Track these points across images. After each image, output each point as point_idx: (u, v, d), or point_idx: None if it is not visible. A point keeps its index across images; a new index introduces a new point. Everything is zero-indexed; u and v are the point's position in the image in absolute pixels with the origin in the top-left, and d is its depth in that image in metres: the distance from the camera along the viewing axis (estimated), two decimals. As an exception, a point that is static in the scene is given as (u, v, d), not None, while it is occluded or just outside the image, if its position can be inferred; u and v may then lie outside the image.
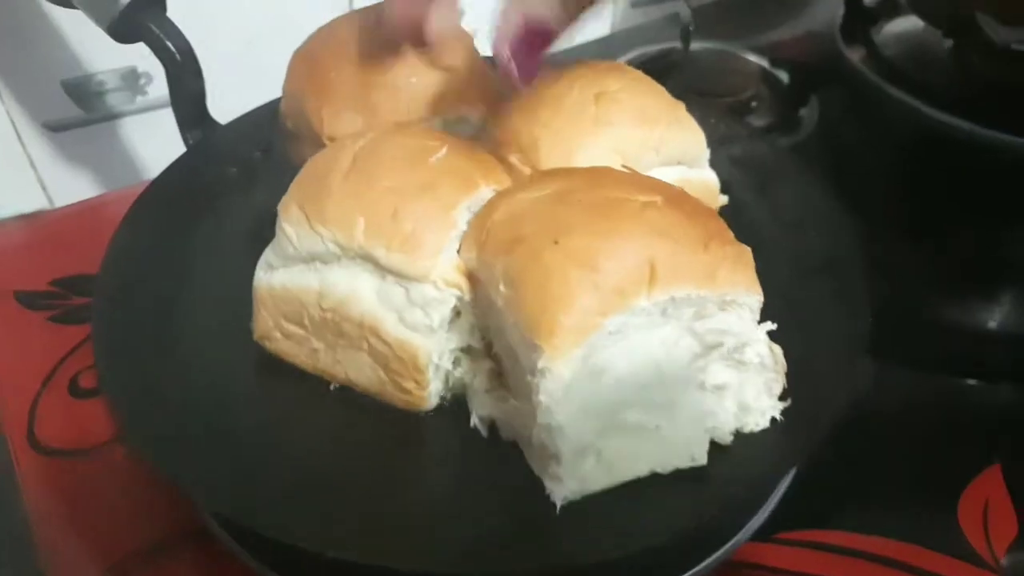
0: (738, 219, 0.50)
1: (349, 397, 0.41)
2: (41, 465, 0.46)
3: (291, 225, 0.39)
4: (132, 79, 0.73)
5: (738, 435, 0.36)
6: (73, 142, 0.73)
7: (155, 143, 0.76)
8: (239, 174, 0.53)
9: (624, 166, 0.40)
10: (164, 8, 0.52)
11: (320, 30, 0.50)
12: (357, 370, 0.40)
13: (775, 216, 0.50)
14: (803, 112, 0.73)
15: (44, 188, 0.74)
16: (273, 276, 0.41)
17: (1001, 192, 0.66)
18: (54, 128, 0.72)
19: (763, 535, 0.42)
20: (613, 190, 0.35)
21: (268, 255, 0.41)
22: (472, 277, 0.37)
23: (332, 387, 0.41)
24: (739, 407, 0.36)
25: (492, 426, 0.38)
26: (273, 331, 0.41)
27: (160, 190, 0.50)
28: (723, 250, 0.34)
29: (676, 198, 0.36)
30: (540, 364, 0.31)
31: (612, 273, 0.32)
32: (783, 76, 0.74)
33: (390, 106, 0.46)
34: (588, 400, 0.32)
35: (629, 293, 0.32)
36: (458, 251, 0.38)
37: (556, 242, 0.33)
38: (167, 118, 0.56)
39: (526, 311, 0.32)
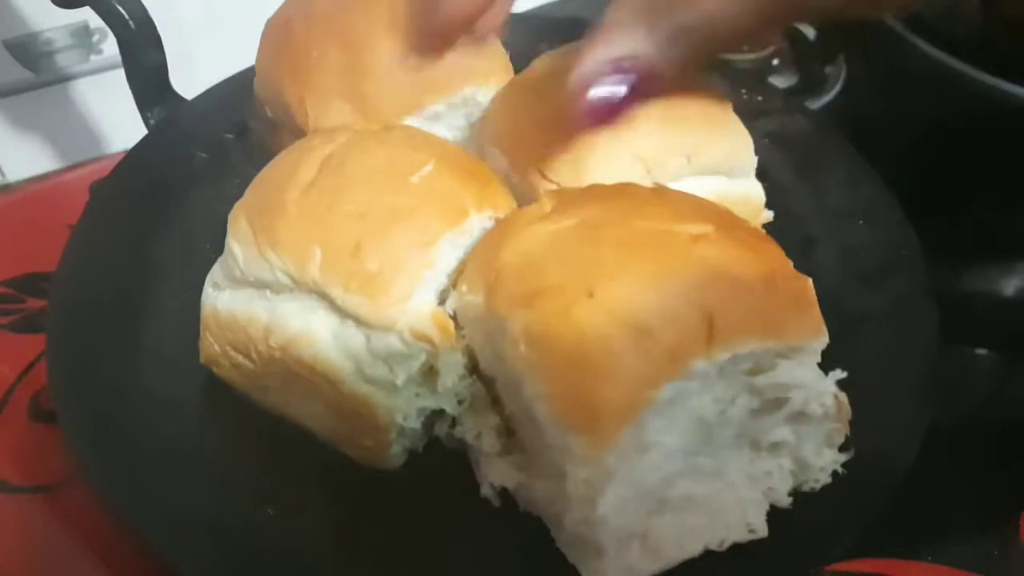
0: (777, 208, 0.45)
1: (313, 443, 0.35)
2: (10, 503, 0.41)
3: (239, 244, 0.33)
4: (84, 36, 0.67)
5: (797, 495, 0.32)
6: (22, 108, 0.67)
7: (113, 106, 0.69)
8: (208, 160, 0.47)
9: (654, 182, 0.34)
10: (113, -34, 0.44)
11: None
12: (311, 416, 0.34)
13: (819, 203, 0.45)
14: (829, 70, 0.67)
15: (-6, 159, 0.68)
16: (219, 298, 0.35)
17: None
18: (1, 93, 0.65)
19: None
20: (653, 220, 0.29)
21: (216, 271, 0.35)
22: (468, 319, 0.31)
23: (284, 427, 0.36)
24: (797, 464, 0.31)
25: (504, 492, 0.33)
26: (220, 358, 0.35)
27: (119, 183, 0.44)
28: (788, 288, 0.28)
29: (728, 225, 0.30)
30: (578, 451, 0.26)
31: (663, 332, 0.26)
32: (808, 32, 0.68)
33: (385, 95, 0.39)
34: (633, 483, 0.27)
35: (685, 355, 0.26)
36: (447, 292, 0.32)
37: (591, 295, 0.26)
38: (124, 78, 0.49)
39: (558, 384, 0.26)
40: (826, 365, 0.32)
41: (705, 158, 0.38)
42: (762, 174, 0.46)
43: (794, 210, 0.45)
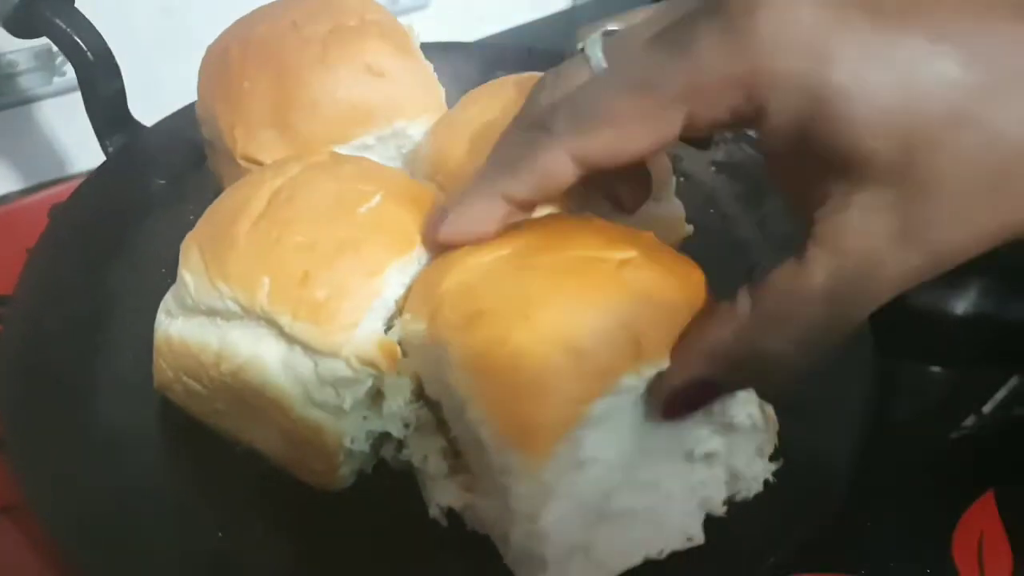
0: (722, 235, 0.47)
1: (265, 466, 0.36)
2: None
3: (190, 273, 0.34)
4: (47, 58, 0.67)
5: (737, 507, 0.33)
6: (-16, 130, 0.67)
7: (75, 128, 0.68)
8: (166, 187, 0.47)
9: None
10: (72, -1, 0.45)
11: (237, 22, 0.44)
12: (263, 440, 0.35)
13: (763, 230, 0.47)
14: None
15: (-47, 181, 0.68)
16: (172, 325, 0.36)
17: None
18: (-40, 115, 0.65)
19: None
20: (581, 247, 0.30)
21: (169, 299, 0.36)
22: (412, 346, 0.32)
23: (237, 450, 0.37)
24: (730, 474, 0.33)
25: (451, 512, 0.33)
26: (173, 383, 0.36)
27: (77, 208, 0.45)
28: (708, 310, 0.30)
29: (652, 249, 0.31)
30: (518, 467, 0.27)
31: (595, 352, 0.27)
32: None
33: (314, 127, 0.40)
34: (573, 497, 0.28)
35: (615, 372, 0.28)
36: (394, 320, 0.33)
37: (526, 318, 0.28)
38: None
39: (495, 406, 0.27)
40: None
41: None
42: (709, 201, 0.48)
43: (740, 237, 0.47)
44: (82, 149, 0.71)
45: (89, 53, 0.44)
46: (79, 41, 0.44)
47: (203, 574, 0.32)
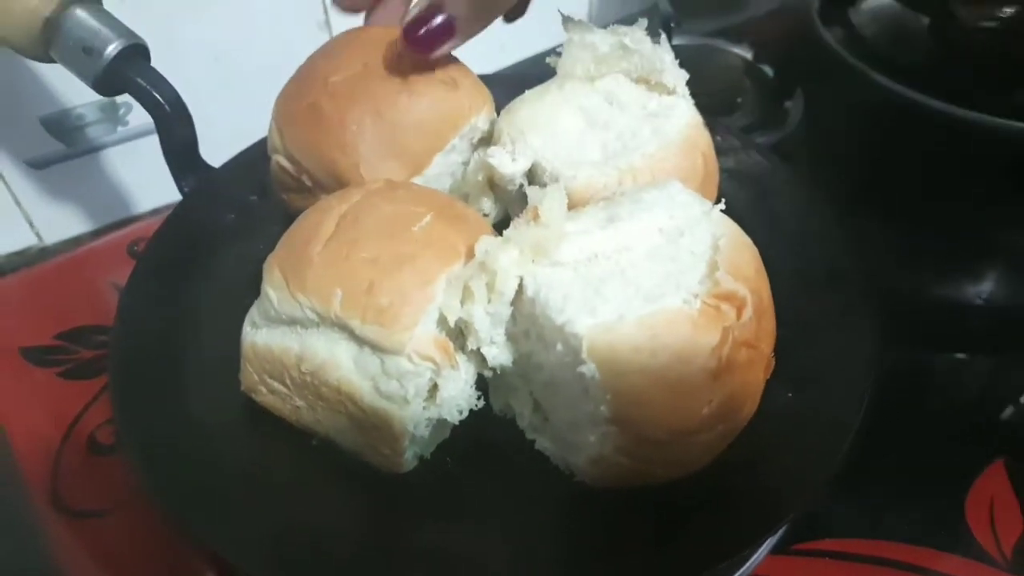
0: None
1: (339, 454, 0.41)
2: (69, 528, 0.47)
3: (273, 289, 0.39)
4: (111, 110, 0.73)
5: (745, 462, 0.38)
6: (57, 177, 0.73)
7: (139, 172, 0.76)
8: (237, 220, 0.53)
9: None
10: (148, 59, 0.51)
11: (304, 75, 0.49)
12: (337, 431, 0.41)
13: (773, 229, 0.51)
14: (788, 104, 0.73)
15: (32, 225, 0.74)
16: (257, 334, 0.41)
17: (980, 172, 0.67)
18: (37, 165, 0.72)
19: (781, 548, 0.43)
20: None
21: (253, 312, 0.42)
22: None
23: (314, 442, 0.42)
24: None
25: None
26: (258, 385, 0.42)
27: (163, 243, 0.50)
28: None
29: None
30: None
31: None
32: (767, 70, 0.74)
33: (423, 143, 0.47)
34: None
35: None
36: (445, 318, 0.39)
37: None
38: (148, 146, 0.54)
39: None
40: (781, 366, 0.39)
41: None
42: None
43: (753, 239, 0.51)
44: (146, 190, 0.77)
45: (166, 105, 0.50)
46: (157, 95, 0.50)
47: (289, 543, 0.37)
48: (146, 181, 0.77)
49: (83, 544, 0.46)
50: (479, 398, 0.40)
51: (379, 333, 0.37)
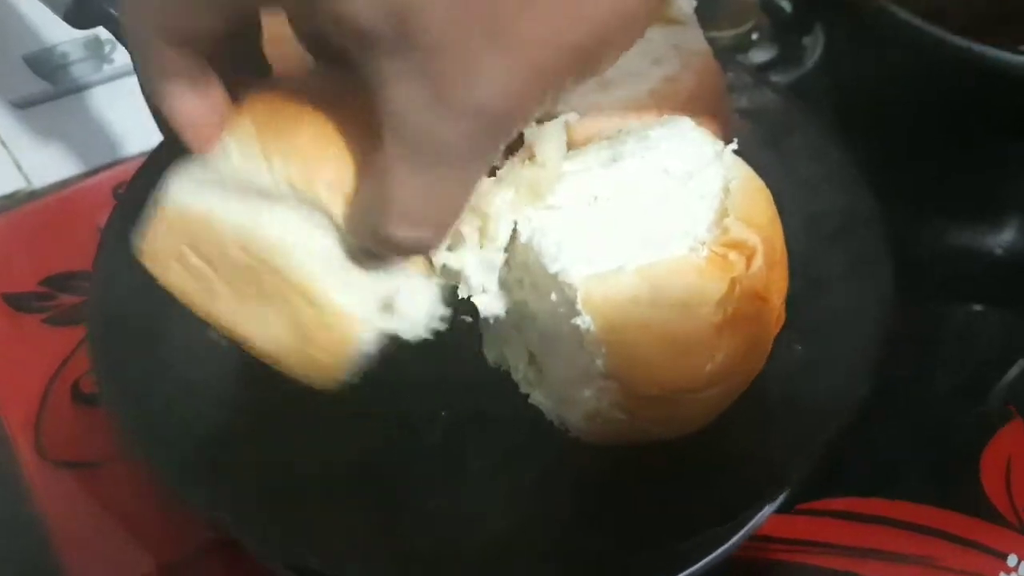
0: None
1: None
2: (53, 478, 0.46)
3: (238, 143, 0.31)
4: (96, 47, 0.70)
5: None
6: (42, 117, 0.70)
7: (126, 112, 0.73)
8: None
9: None
10: (123, -13, 0.48)
11: None
12: (260, 327, 0.33)
13: (787, 174, 0.48)
14: (806, 41, 0.69)
15: (19, 167, 0.72)
16: (195, 194, 0.32)
17: (1007, 115, 0.64)
18: (21, 105, 0.69)
19: (786, 507, 0.42)
20: None
21: (194, 165, 0.33)
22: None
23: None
24: None
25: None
26: (170, 259, 0.34)
27: (143, 186, 0.48)
28: None
29: None
30: None
31: None
32: (784, 4, 0.70)
33: None
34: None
35: None
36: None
37: None
38: (136, 84, 0.52)
39: None
40: (791, 318, 0.36)
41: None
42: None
43: (766, 182, 0.48)
44: (135, 131, 0.75)
45: (142, 38, 0.47)
46: (133, 28, 0.46)
47: (273, 500, 0.36)
48: (133, 122, 0.74)
49: (70, 495, 0.45)
50: (444, 319, 0.35)
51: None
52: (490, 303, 0.36)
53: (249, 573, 0.40)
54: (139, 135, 0.74)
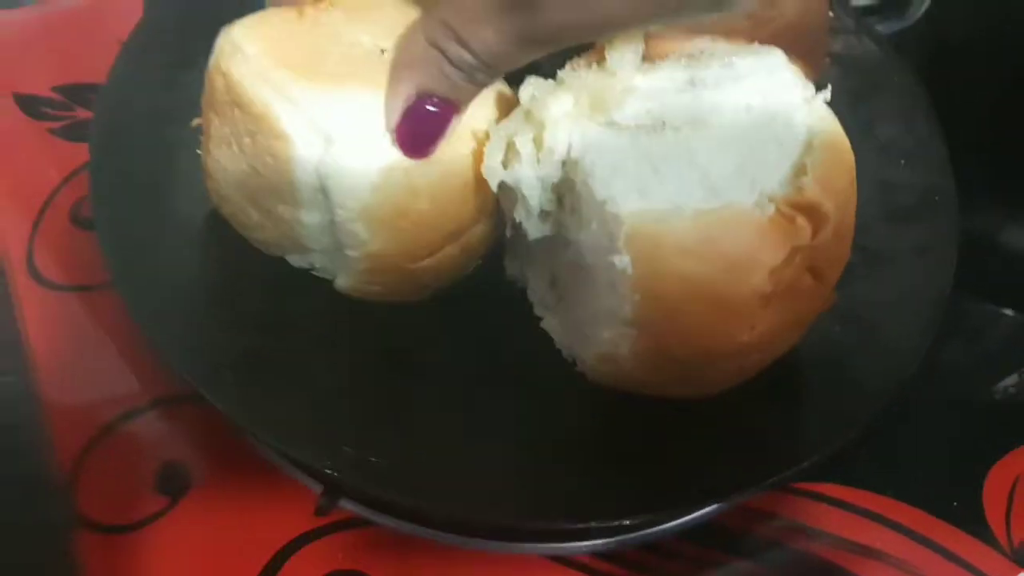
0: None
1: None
2: (41, 297, 0.44)
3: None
4: None
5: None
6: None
7: None
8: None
9: None
10: None
11: None
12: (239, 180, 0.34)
13: (867, 135, 0.44)
14: (917, -11, 0.62)
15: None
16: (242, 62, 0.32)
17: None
18: None
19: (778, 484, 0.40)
20: None
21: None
22: None
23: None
24: None
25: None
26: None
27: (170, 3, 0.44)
28: None
29: None
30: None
31: None
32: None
33: None
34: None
35: None
36: None
37: None
38: None
39: None
40: (843, 294, 0.33)
41: None
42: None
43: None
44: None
45: None
46: None
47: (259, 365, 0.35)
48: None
49: (60, 316, 0.44)
50: None
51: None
52: (536, 224, 0.33)
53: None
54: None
